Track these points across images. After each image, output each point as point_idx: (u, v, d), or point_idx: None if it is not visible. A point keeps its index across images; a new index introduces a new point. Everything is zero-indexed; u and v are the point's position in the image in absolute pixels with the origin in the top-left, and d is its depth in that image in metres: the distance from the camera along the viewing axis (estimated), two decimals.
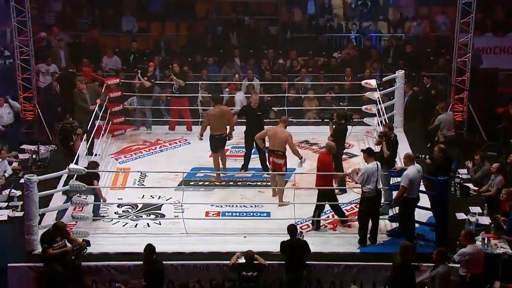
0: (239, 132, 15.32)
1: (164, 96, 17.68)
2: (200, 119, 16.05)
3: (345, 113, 14.58)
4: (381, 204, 12.96)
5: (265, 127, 14.65)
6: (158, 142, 16.70)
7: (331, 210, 13.48)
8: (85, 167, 12.95)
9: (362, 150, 12.99)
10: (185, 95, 16.96)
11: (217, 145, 14.76)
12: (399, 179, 12.59)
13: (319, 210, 13.01)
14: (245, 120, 15.06)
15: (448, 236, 12.22)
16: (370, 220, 12.55)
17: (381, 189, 12.46)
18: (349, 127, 14.32)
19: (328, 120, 14.58)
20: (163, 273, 11.56)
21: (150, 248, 11.46)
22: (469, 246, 11.48)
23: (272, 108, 16.27)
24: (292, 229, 11.80)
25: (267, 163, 14.28)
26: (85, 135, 14.68)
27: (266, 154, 14.24)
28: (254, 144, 14.88)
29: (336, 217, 13.24)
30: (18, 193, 13.72)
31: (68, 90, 16.29)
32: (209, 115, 14.79)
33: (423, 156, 13.55)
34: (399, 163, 13.34)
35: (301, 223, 13.10)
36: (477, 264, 11.46)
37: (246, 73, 18.97)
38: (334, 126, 14.27)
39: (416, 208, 12.49)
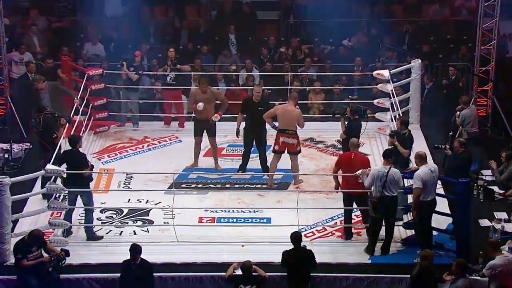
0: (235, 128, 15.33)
1: (160, 88, 17.65)
2: (193, 115, 16.02)
3: (358, 107, 14.56)
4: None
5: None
6: (145, 140, 16.68)
7: (339, 216, 13.48)
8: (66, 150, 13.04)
9: (390, 134, 13.39)
10: (180, 87, 16.94)
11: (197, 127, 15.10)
12: (411, 181, 12.59)
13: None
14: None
15: (470, 246, 12.19)
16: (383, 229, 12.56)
17: (391, 196, 12.38)
18: (363, 123, 14.32)
19: (339, 116, 14.57)
20: (152, 275, 11.57)
21: (135, 247, 11.47)
22: (498, 257, 11.34)
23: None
24: (296, 236, 11.77)
25: (275, 144, 14.50)
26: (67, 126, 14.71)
27: (276, 134, 14.52)
28: (254, 143, 14.90)
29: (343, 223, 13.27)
30: None
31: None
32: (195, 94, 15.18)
33: (443, 146, 13.49)
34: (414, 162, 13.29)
35: (305, 230, 13.08)
36: (510, 276, 11.38)
37: (244, 63, 18.96)
38: (346, 122, 14.28)
39: (434, 214, 12.48)
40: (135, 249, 11.44)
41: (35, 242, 11.71)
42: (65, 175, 12.69)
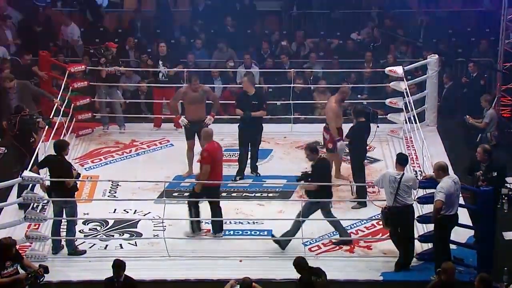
0: (233, 131, 15.32)
1: (145, 87, 17.64)
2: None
3: (366, 108, 14.52)
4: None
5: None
6: (133, 144, 16.67)
7: (351, 226, 13.51)
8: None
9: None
10: (173, 85, 16.91)
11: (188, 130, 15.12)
12: (428, 190, 12.59)
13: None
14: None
15: (493, 261, 12.17)
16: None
17: (405, 206, 12.37)
18: (373, 126, 14.30)
19: (350, 117, 14.55)
20: None
21: (118, 263, 11.42)
22: None
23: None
24: (299, 263, 11.24)
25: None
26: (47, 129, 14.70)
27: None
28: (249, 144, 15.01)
29: (353, 236, 13.26)
30: None
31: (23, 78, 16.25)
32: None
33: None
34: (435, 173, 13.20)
35: (310, 243, 13.08)
36: None
37: (242, 58, 18.95)
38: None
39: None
40: (118, 266, 11.39)
41: (7, 254, 11.62)
42: (45, 183, 12.68)
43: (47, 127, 14.76)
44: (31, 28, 19.62)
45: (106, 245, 13.21)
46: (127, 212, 14.06)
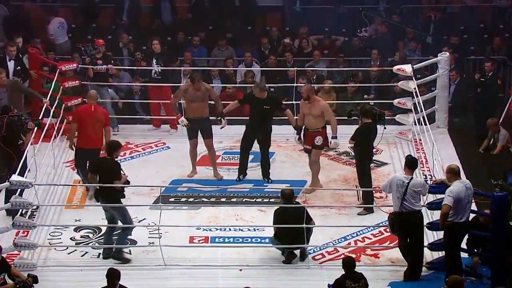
0: (233, 133, 15.33)
1: (139, 86, 17.64)
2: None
3: (370, 109, 14.53)
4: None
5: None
6: (127, 147, 16.64)
7: (352, 235, 13.50)
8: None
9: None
10: (167, 84, 16.92)
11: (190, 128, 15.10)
12: (438, 195, 12.61)
13: None
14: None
15: (507, 271, 12.16)
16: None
17: (412, 212, 12.38)
18: (380, 127, 14.31)
19: (357, 118, 14.57)
20: None
21: (113, 272, 11.43)
22: None
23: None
24: (346, 262, 11.50)
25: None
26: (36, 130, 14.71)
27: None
28: (258, 144, 15.05)
29: (359, 244, 13.28)
30: None
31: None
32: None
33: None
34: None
35: (314, 251, 13.09)
36: None
37: (242, 56, 18.96)
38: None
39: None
40: (113, 275, 11.41)
41: None
42: (31, 187, 12.74)
43: (36, 128, 14.74)
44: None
45: (99, 253, 13.18)
46: None
